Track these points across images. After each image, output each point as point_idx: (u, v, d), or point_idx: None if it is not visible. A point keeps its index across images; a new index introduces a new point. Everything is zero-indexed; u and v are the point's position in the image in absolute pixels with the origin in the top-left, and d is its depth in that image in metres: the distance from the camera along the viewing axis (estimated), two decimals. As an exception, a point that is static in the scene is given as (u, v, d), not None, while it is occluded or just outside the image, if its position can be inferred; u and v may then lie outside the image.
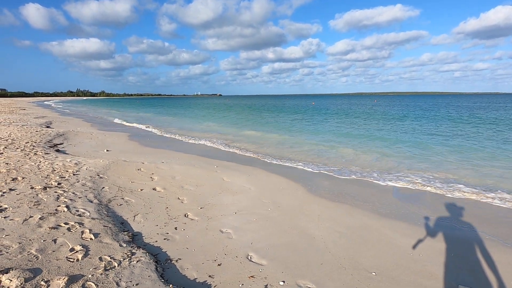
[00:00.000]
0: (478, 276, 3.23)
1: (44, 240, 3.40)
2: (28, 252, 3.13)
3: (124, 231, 3.94)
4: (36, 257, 3.04)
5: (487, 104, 47.63)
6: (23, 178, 5.75)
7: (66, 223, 3.90)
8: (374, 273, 3.22)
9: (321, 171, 7.81)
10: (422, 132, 15.82)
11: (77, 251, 3.22)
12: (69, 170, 6.56)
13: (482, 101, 73.60)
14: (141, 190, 5.69)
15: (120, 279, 2.81)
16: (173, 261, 3.33)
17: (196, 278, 3.04)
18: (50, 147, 9.84)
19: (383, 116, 26.70)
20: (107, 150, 9.86)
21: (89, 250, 3.28)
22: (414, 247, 3.83)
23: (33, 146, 9.53)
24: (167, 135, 15.09)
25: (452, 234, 4.22)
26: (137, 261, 3.16)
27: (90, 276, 2.81)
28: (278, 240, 3.93)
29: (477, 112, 29.97)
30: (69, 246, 3.32)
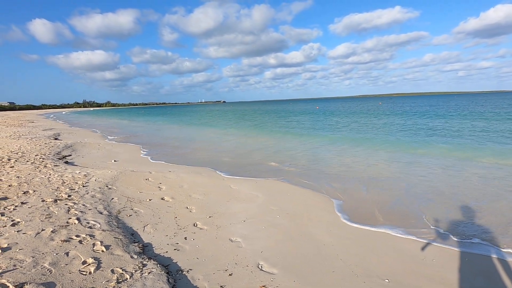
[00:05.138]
0: (495, 282, 3.16)
1: (56, 254, 3.44)
2: (42, 266, 3.17)
3: (134, 242, 3.97)
4: (49, 271, 3.07)
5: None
6: (34, 191, 5.83)
7: (77, 236, 3.94)
8: (387, 280, 3.18)
9: (327, 176, 7.78)
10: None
11: (89, 264, 3.25)
12: (78, 182, 6.64)
13: (486, 98, 72.54)
14: (150, 200, 5.72)
15: (132, 292, 2.82)
16: (184, 272, 3.34)
17: (207, 289, 3.04)
18: (59, 159, 9.98)
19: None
20: (115, 161, 9.96)
21: (101, 263, 3.31)
22: (426, 252, 3.77)
23: (43, 158, 9.68)
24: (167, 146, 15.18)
25: (465, 238, 4.15)
26: (149, 273, 3.17)
27: (103, 289, 2.83)
28: (288, 248, 3.91)
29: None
30: (81, 259, 3.35)
